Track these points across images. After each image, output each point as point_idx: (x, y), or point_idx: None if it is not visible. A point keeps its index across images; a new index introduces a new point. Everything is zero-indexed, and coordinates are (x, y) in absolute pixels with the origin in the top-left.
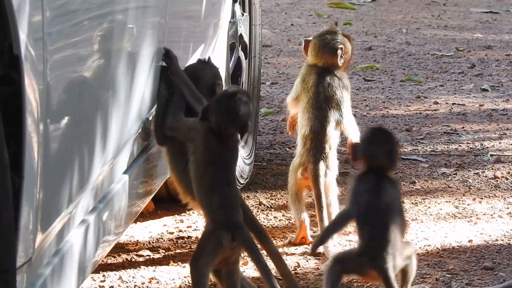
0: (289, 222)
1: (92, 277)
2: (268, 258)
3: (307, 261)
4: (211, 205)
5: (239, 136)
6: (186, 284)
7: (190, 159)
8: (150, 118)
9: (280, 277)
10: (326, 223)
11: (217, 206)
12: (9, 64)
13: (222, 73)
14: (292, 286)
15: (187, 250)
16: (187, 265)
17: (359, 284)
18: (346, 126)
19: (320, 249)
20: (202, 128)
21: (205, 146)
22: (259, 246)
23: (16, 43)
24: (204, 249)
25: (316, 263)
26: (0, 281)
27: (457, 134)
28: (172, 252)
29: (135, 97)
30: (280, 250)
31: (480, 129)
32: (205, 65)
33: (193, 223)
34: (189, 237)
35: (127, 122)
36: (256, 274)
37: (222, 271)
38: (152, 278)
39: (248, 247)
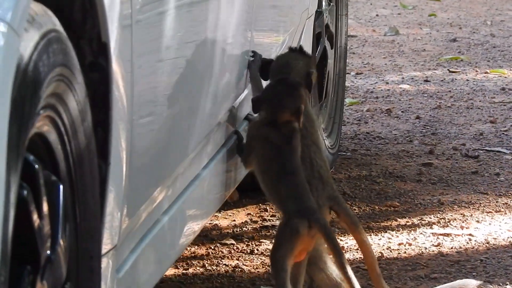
0: (373, 212)
1: (175, 265)
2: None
3: (390, 251)
4: (281, 197)
5: (296, 123)
6: (269, 273)
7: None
8: (236, 106)
9: (365, 267)
10: None
11: (286, 197)
12: (98, 51)
13: None
14: (374, 277)
15: (271, 239)
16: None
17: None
18: None
19: None
20: (258, 122)
21: (263, 138)
22: (351, 235)
23: (104, 30)
24: (282, 241)
25: (399, 253)
26: (85, 269)
27: None
28: (256, 241)
29: (222, 86)
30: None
31: None
32: (298, 54)
33: (277, 212)
34: (273, 226)
35: (214, 110)
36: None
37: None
38: (236, 267)
39: (324, 233)
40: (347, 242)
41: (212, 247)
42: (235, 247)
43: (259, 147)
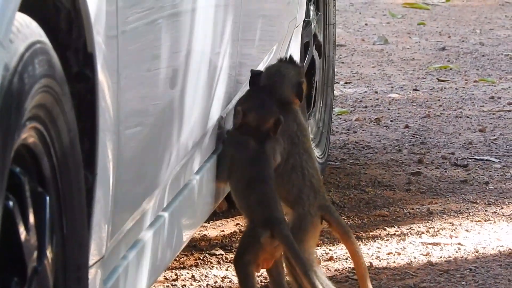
0: (361, 222)
1: (164, 276)
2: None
3: (379, 261)
4: (248, 204)
5: (272, 133)
6: (260, 284)
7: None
8: (224, 116)
9: (355, 277)
10: None
11: (254, 205)
12: (84, 61)
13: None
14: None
15: None
16: None
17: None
18: None
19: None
20: (233, 129)
21: (237, 145)
22: (343, 244)
23: (90, 41)
24: (244, 249)
25: (388, 263)
26: (73, 278)
27: None
28: None
29: (208, 95)
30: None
31: None
32: (288, 63)
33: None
34: None
35: (201, 120)
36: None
37: (272, 271)
38: (225, 277)
39: (286, 244)
40: (336, 252)
41: (201, 258)
42: (224, 257)
43: (232, 154)
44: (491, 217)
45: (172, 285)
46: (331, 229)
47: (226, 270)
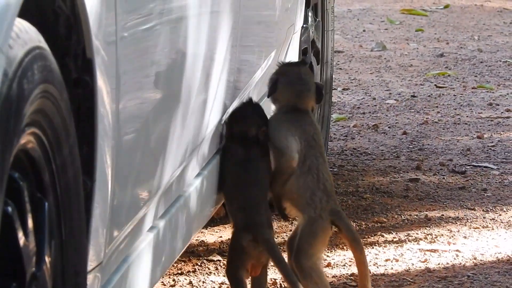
0: (359, 228)
1: (162, 282)
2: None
3: (377, 267)
4: (232, 209)
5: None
6: None
7: None
8: (223, 122)
9: (352, 284)
10: None
11: (238, 209)
12: (82, 67)
13: None
14: None
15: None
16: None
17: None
18: None
19: None
20: (225, 142)
21: (228, 151)
22: (352, 251)
23: (89, 46)
24: (231, 254)
25: (386, 269)
26: (72, 284)
27: None
28: None
29: (207, 101)
30: (351, 255)
31: None
32: (304, 67)
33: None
34: None
35: (200, 126)
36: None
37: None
38: (222, 283)
39: (268, 248)
40: (334, 258)
41: (199, 263)
42: (221, 264)
43: (224, 163)
44: (489, 223)
45: None
46: (341, 235)
47: (224, 276)
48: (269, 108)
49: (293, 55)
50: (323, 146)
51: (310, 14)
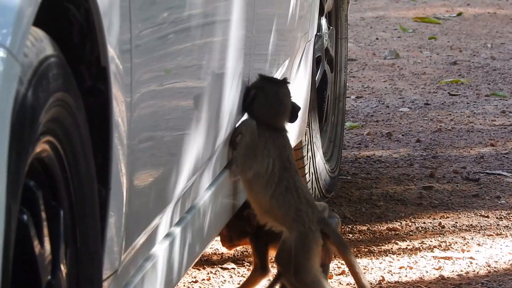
0: (373, 236)
1: None
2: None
3: (391, 275)
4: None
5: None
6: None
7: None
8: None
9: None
10: None
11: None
12: (97, 75)
13: (308, 86)
14: None
15: (272, 263)
16: (271, 278)
17: None
18: None
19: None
20: None
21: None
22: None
23: (103, 55)
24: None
25: (400, 277)
26: None
27: None
28: None
29: (221, 110)
30: (365, 263)
31: None
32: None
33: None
34: None
35: (213, 134)
36: None
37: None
38: None
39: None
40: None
41: (213, 272)
42: (236, 272)
43: None
44: (503, 231)
45: None
46: (328, 241)
47: (238, 284)
48: None
49: (307, 63)
50: (296, 165)
51: (323, 22)
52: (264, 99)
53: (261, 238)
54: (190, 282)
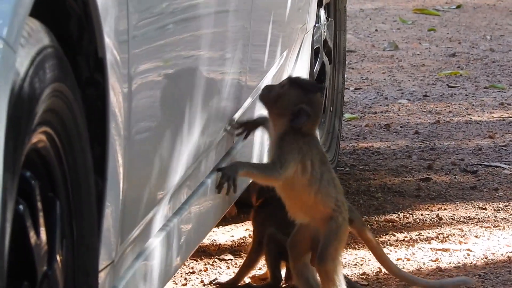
0: (371, 227)
1: (173, 281)
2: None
3: None
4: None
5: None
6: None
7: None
8: (236, 121)
9: (363, 283)
10: None
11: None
12: (94, 67)
13: (307, 77)
14: (388, 267)
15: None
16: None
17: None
18: None
19: None
20: None
21: None
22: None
23: (101, 46)
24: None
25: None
26: (82, 285)
27: None
28: None
29: (219, 100)
30: (362, 254)
31: None
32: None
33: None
34: None
35: (211, 125)
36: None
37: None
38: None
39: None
40: (345, 257)
41: (211, 263)
42: (233, 263)
43: None
44: (501, 223)
45: None
46: (351, 227)
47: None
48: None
49: (305, 55)
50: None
51: (322, 13)
52: (314, 114)
53: (258, 215)
54: (187, 273)
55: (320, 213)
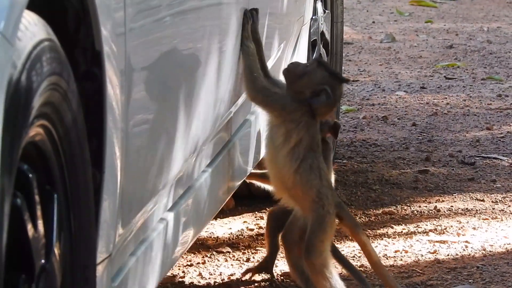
0: (369, 220)
1: (171, 273)
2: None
3: (386, 258)
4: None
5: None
6: (265, 282)
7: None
8: (232, 113)
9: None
10: None
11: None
12: (91, 60)
13: None
14: (381, 274)
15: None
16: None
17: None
18: None
19: None
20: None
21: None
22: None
23: (98, 39)
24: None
25: (395, 260)
26: (80, 278)
27: None
28: (252, 249)
29: (217, 92)
30: (358, 248)
31: None
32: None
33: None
34: None
35: (209, 117)
36: None
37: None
38: (232, 275)
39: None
40: (343, 250)
41: (208, 255)
42: (231, 255)
43: None
44: (498, 215)
45: (179, 282)
46: (342, 224)
47: (234, 267)
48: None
49: (302, 47)
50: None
51: (319, 5)
52: (333, 100)
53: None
54: (185, 266)
55: (300, 200)
